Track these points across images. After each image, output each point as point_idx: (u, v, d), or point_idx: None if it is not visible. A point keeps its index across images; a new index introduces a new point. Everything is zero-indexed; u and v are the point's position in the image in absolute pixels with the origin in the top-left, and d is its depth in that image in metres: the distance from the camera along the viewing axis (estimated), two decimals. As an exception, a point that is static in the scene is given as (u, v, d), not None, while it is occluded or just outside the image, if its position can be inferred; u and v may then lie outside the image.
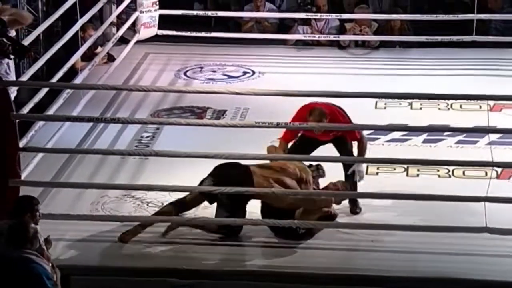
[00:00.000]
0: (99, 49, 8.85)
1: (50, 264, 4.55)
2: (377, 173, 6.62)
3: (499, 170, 6.58)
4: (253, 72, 8.91)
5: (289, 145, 6.15)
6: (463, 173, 6.43)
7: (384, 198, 6.07)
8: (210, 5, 10.44)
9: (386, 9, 9.90)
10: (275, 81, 8.39)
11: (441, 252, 5.66)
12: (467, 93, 6.67)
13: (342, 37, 9.46)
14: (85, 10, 8.15)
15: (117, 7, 9.24)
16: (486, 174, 6.52)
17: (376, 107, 7.86)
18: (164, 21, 9.48)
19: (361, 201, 6.13)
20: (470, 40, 9.08)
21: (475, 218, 5.93)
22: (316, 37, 9.51)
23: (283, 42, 9.65)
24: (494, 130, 7.08)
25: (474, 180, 6.27)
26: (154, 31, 9.43)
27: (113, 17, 9.15)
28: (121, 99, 8.11)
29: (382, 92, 7.34)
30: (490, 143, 7.08)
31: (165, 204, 5.95)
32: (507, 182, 6.52)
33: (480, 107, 7.78)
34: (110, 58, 8.90)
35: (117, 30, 9.19)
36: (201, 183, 5.80)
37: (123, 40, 9.21)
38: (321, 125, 5.95)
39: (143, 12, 9.30)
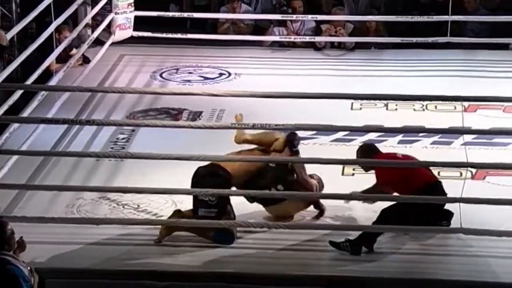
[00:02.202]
0: (74, 51, 8.81)
1: (29, 268, 4.53)
2: (353, 174, 6.64)
3: (473, 170, 6.63)
4: (229, 74, 8.91)
5: None
6: (438, 173, 6.45)
7: (360, 199, 6.08)
8: (185, 6, 10.43)
9: (362, 10, 9.93)
10: (251, 83, 8.39)
11: (416, 253, 5.68)
12: (442, 94, 6.69)
13: (317, 39, 9.48)
14: (59, 11, 8.11)
15: (92, 9, 9.20)
16: (461, 174, 6.55)
17: (352, 108, 7.88)
18: (139, 23, 9.45)
19: (335, 202, 6.14)
20: (445, 41, 9.13)
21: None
22: (292, 38, 9.53)
23: (259, 44, 9.65)
24: (469, 131, 7.12)
25: (449, 181, 6.29)
26: (129, 32, 9.40)
27: (88, 19, 9.10)
28: (96, 101, 8.07)
29: (357, 93, 7.34)
30: (465, 144, 7.12)
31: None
32: (481, 182, 6.56)
33: (455, 108, 7.82)
34: (85, 60, 8.86)
35: (92, 31, 9.16)
36: None
37: (98, 42, 9.17)
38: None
39: (118, 13, 9.27)
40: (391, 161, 5.86)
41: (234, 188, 5.88)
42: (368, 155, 5.93)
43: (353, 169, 6.65)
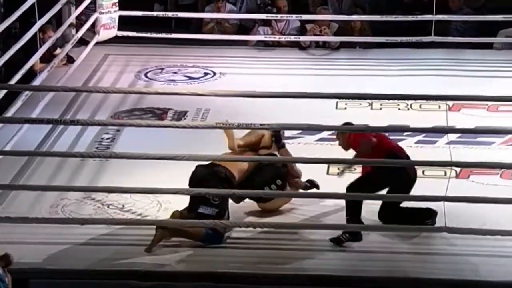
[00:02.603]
0: (58, 50, 8.78)
1: (2, 267, 4.50)
2: (337, 174, 6.64)
3: (458, 169, 6.65)
4: (214, 73, 8.90)
5: None
6: (423, 172, 6.48)
7: (345, 198, 6.09)
8: (170, 6, 10.41)
9: (346, 10, 9.95)
10: (236, 82, 8.39)
11: (401, 251, 5.70)
12: (426, 93, 6.72)
13: (302, 38, 9.50)
14: (43, 11, 8.08)
15: (76, 8, 9.17)
16: (445, 173, 6.58)
17: (336, 108, 7.89)
18: (124, 22, 9.43)
19: (322, 201, 6.15)
20: (429, 40, 9.16)
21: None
22: (277, 38, 9.53)
23: (244, 43, 9.65)
24: (453, 130, 7.15)
25: (434, 180, 6.32)
26: (113, 32, 9.38)
27: (72, 19, 9.08)
28: (81, 101, 8.05)
29: (342, 92, 7.36)
30: (449, 142, 7.15)
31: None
32: (465, 181, 6.58)
33: (439, 107, 7.84)
34: (70, 60, 8.84)
35: (77, 31, 9.13)
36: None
37: (83, 42, 9.15)
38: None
39: (102, 13, 9.24)
40: (384, 160, 5.88)
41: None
42: (343, 133, 6.03)
43: (338, 168, 6.65)
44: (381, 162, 5.83)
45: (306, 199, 6.20)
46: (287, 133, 7.18)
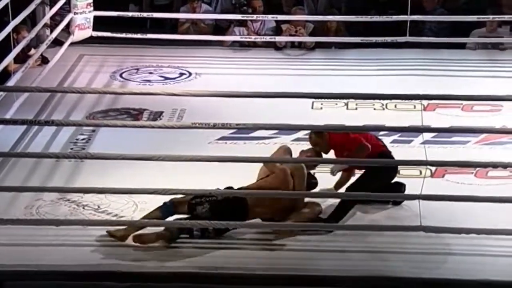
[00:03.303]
0: (32, 51, 8.73)
1: None
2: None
3: (433, 168, 6.68)
4: (190, 74, 8.89)
5: None
6: (398, 172, 6.49)
7: (322, 197, 6.12)
8: (145, 6, 10.38)
9: (321, 10, 9.97)
10: (212, 82, 8.39)
11: (376, 250, 5.71)
12: (401, 93, 6.75)
13: (278, 38, 9.51)
14: (17, 11, 8.03)
15: (50, 9, 9.12)
16: (421, 173, 6.61)
17: (312, 108, 7.91)
18: (99, 23, 9.39)
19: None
20: (404, 41, 9.20)
21: (410, 216, 6.01)
22: (252, 38, 9.54)
23: (220, 44, 9.65)
24: (428, 129, 7.17)
25: (409, 179, 6.34)
26: (88, 32, 9.34)
27: (46, 19, 9.03)
28: (56, 102, 8.01)
29: (318, 92, 7.38)
30: (424, 142, 7.19)
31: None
32: (441, 180, 6.62)
33: (415, 106, 7.88)
34: (44, 60, 8.79)
35: (51, 31, 9.08)
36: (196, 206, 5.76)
37: (57, 42, 9.10)
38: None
39: (77, 13, 9.20)
40: (365, 160, 5.96)
41: None
42: (322, 135, 6.10)
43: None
44: (363, 162, 5.94)
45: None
46: (263, 133, 7.22)
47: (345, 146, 6.10)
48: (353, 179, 6.18)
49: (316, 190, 6.15)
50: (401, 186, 6.21)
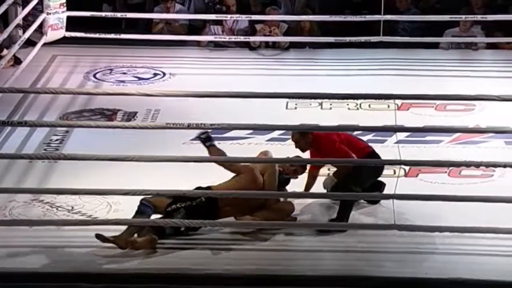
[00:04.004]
0: (5, 51, 8.66)
1: None
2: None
3: (407, 168, 6.71)
4: (164, 74, 8.87)
5: None
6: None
7: (297, 197, 6.12)
8: (119, 6, 10.34)
9: (299, 10, 10.00)
10: (186, 83, 8.37)
11: (350, 250, 5.73)
12: (375, 92, 6.76)
13: (252, 38, 9.52)
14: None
15: (23, 9, 9.06)
16: (395, 172, 6.63)
17: (287, 108, 7.92)
18: (72, 23, 9.34)
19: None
20: (377, 40, 9.23)
21: (384, 215, 6.04)
22: (227, 38, 9.54)
23: (194, 43, 9.64)
24: (402, 129, 7.21)
25: (383, 179, 6.36)
26: (61, 33, 9.29)
27: (19, 19, 8.97)
28: (29, 102, 7.96)
29: (292, 92, 7.38)
30: (398, 141, 7.22)
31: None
32: (414, 179, 6.65)
33: (388, 106, 7.91)
34: (17, 61, 8.74)
35: (24, 32, 9.01)
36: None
37: (30, 43, 9.04)
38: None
39: (50, 13, 9.15)
40: (344, 159, 5.99)
41: None
42: (305, 134, 6.12)
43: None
44: (338, 161, 5.98)
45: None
46: (238, 133, 7.22)
47: (326, 153, 6.08)
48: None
49: (296, 189, 6.15)
50: (381, 185, 6.22)
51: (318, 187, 6.18)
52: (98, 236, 5.59)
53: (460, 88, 8.05)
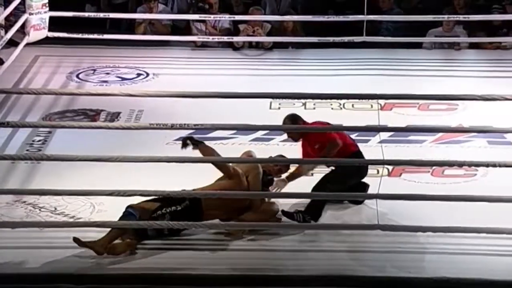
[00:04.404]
0: (-13, 52, 8.64)
1: None
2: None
3: (390, 168, 6.73)
4: (147, 74, 8.86)
5: None
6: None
7: (281, 197, 6.13)
8: (103, 6, 10.32)
9: (284, 10, 10.01)
10: (170, 83, 8.36)
11: (334, 250, 5.74)
12: (358, 92, 6.78)
13: (236, 39, 9.52)
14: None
15: (5, 9, 9.02)
16: (378, 172, 6.65)
17: (270, 108, 7.92)
18: (54, 23, 9.31)
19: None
20: (361, 40, 9.25)
21: (368, 215, 6.05)
22: (210, 39, 9.54)
23: (177, 44, 9.62)
24: (385, 129, 7.23)
25: (366, 178, 6.37)
26: (44, 33, 9.26)
27: (1, 20, 8.93)
28: (11, 103, 7.93)
29: (276, 92, 7.39)
30: (381, 141, 7.23)
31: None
32: (397, 179, 6.66)
33: (372, 106, 7.93)
34: (-1, 61, 8.71)
35: (6, 32, 8.98)
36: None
37: (12, 43, 9.00)
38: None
39: (32, 14, 9.11)
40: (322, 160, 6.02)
41: None
42: (295, 123, 6.20)
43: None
44: (323, 161, 6.02)
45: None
46: (221, 133, 7.22)
47: (317, 139, 6.12)
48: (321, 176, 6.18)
49: (284, 190, 6.15)
50: (365, 186, 6.23)
51: (301, 187, 6.17)
52: (76, 240, 5.56)
53: (443, 88, 8.09)
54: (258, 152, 6.33)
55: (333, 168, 6.17)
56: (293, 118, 6.26)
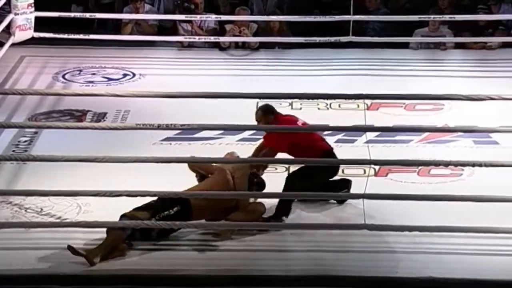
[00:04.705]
0: (-28, 52, 8.60)
1: None
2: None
3: (376, 168, 6.74)
4: (134, 74, 8.84)
5: None
6: (343, 171, 6.54)
7: (268, 197, 6.13)
8: (91, 6, 10.28)
9: (270, 10, 10.01)
10: (156, 83, 8.34)
11: (321, 249, 5.74)
12: (345, 92, 6.79)
13: (222, 39, 9.51)
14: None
15: (-10, 9, 9.00)
16: (364, 172, 6.66)
17: (257, 106, 7.91)
18: (40, 23, 9.28)
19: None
20: (347, 40, 9.26)
21: (354, 215, 6.06)
22: (197, 39, 9.53)
23: (164, 44, 9.61)
24: (372, 129, 7.25)
25: (353, 178, 6.39)
26: (30, 33, 9.22)
27: (-14, 20, 8.91)
28: (-3, 103, 7.91)
29: (263, 92, 7.40)
30: (368, 141, 7.25)
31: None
32: (384, 179, 6.68)
33: (358, 106, 7.94)
34: (-15, 62, 8.67)
35: (-9, 32, 8.96)
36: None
37: (-2, 43, 8.98)
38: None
39: (18, 14, 9.07)
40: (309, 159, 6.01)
41: None
42: (267, 116, 6.24)
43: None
44: (308, 161, 5.99)
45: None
46: (208, 133, 7.21)
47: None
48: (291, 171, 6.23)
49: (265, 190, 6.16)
50: (347, 182, 6.26)
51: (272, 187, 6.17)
52: (70, 248, 5.53)
53: (429, 88, 8.11)
54: (245, 152, 6.33)
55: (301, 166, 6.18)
56: (266, 109, 6.27)
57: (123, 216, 5.69)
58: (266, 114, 6.25)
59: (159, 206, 5.77)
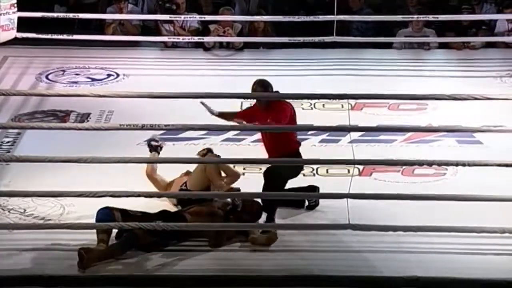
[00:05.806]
0: (-45, 52, 8.56)
1: None
2: (243, 173, 6.65)
3: (360, 167, 6.75)
4: (117, 75, 8.82)
5: None
6: (327, 171, 6.55)
7: (255, 197, 6.13)
8: (72, 6, 10.25)
9: (253, 10, 10.01)
10: (140, 83, 8.34)
11: (305, 249, 5.74)
12: (329, 92, 6.80)
13: (206, 39, 9.51)
14: None
15: (-27, 10, 8.96)
16: (349, 171, 6.67)
17: (241, 108, 7.90)
18: (23, 24, 9.24)
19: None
20: (331, 40, 9.27)
21: (338, 215, 6.06)
22: (181, 39, 9.52)
23: (148, 44, 9.60)
24: (356, 129, 7.25)
25: (337, 178, 6.40)
26: (13, 34, 9.18)
27: (-31, 20, 8.87)
28: (-20, 104, 7.87)
29: (247, 92, 7.39)
30: (352, 141, 7.26)
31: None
32: (368, 179, 6.69)
33: (342, 106, 7.96)
34: (-33, 62, 8.63)
35: (-26, 33, 8.92)
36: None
37: (-19, 44, 8.95)
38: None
39: (0, 14, 9.03)
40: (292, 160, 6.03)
41: None
42: (266, 90, 6.27)
43: (244, 168, 6.68)
44: (291, 161, 6.03)
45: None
46: (192, 133, 7.21)
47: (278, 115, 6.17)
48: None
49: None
50: (315, 189, 6.24)
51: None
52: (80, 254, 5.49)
53: (412, 88, 8.14)
54: (230, 153, 6.32)
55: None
56: (264, 85, 6.27)
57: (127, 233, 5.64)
58: (265, 90, 6.25)
59: (159, 214, 5.76)
